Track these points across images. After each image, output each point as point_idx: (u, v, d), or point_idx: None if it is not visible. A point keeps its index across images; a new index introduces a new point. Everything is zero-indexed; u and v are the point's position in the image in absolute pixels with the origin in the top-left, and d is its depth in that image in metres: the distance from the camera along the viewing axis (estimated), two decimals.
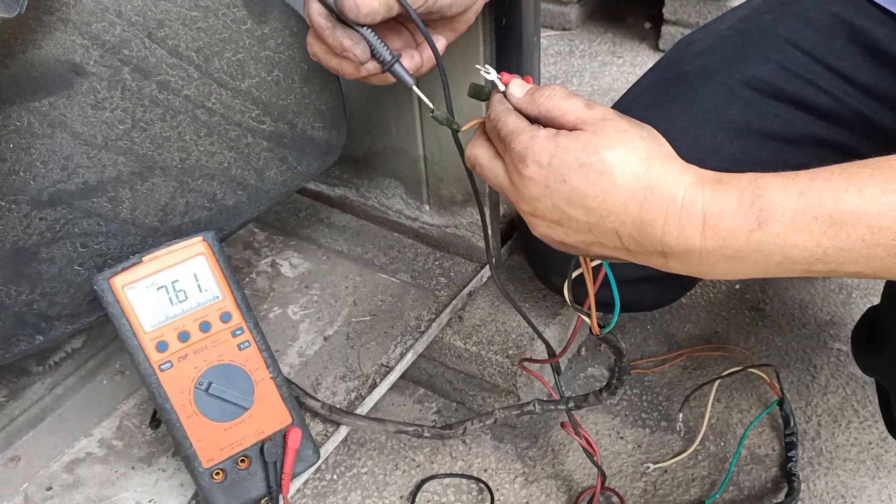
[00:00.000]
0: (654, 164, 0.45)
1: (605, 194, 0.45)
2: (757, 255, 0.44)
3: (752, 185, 0.44)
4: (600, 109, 0.47)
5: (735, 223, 0.44)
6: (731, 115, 0.68)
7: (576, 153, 0.45)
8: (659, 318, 0.99)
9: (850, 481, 0.81)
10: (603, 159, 0.45)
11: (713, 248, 0.44)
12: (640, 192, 0.45)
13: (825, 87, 0.68)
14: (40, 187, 0.58)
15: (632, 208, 0.45)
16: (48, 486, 0.68)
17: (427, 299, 0.83)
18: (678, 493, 0.81)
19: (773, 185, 0.43)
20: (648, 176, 0.45)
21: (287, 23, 0.63)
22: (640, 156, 0.45)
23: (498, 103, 0.51)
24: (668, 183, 0.45)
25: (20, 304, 0.61)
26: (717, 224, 0.44)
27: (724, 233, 0.44)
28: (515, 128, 0.48)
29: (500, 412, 0.72)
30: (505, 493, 0.82)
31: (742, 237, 0.44)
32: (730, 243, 0.44)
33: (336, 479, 0.83)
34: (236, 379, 0.63)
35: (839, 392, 0.89)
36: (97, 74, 0.57)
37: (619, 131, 0.46)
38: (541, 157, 0.46)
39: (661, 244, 0.45)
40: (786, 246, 0.43)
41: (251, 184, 0.67)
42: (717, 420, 0.87)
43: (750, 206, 0.43)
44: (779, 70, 0.68)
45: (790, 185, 0.43)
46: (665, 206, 0.45)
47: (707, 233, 0.44)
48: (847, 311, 0.98)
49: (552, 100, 0.48)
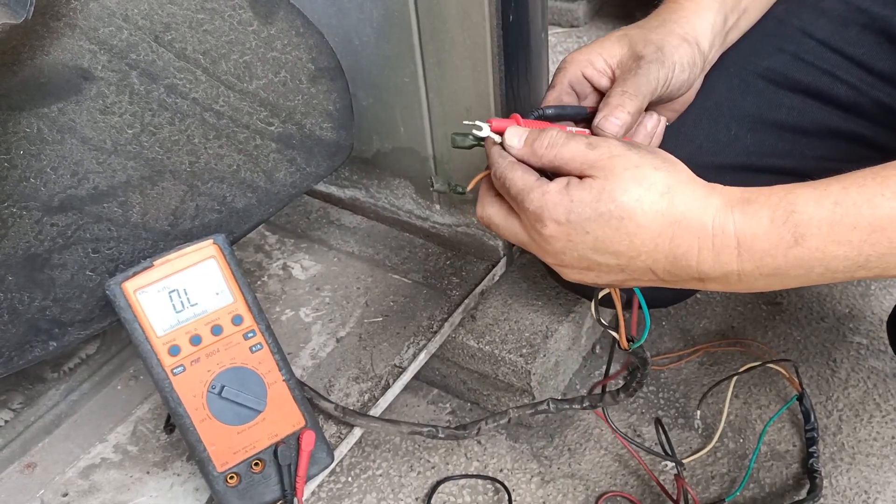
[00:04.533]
0: (675, 195, 0.44)
1: (632, 237, 0.44)
2: (797, 270, 0.44)
3: (784, 200, 0.43)
4: (604, 146, 0.46)
5: (770, 243, 0.43)
6: (745, 107, 0.67)
7: (592, 205, 0.44)
8: (674, 314, 0.98)
9: (874, 476, 0.79)
10: (621, 205, 0.44)
11: (751, 269, 0.44)
12: (668, 228, 0.44)
13: (842, 77, 0.67)
14: (51, 193, 0.58)
15: (662, 245, 0.44)
16: (64, 493, 0.68)
17: (439, 299, 0.83)
18: (697, 490, 0.80)
19: (806, 199, 0.43)
20: (672, 210, 0.44)
21: (293, 23, 0.63)
22: (659, 190, 0.44)
23: (499, 158, 0.49)
24: (694, 213, 0.44)
25: (33, 310, 0.61)
26: (752, 246, 0.43)
27: (760, 253, 0.43)
28: (524, 185, 0.47)
29: (514, 411, 0.71)
30: (521, 494, 0.81)
31: (780, 255, 0.43)
32: (767, 262, 0.44)
33: (351, 482, 0.83)
34: (249, 382, 0.63)
35: (860, 386, 0.88)
36: (105, 79, 0.57)
37: (631, 169, 0.44)
38: (557, 214, 0.45)
39: (698, 272, 0.45)
40: (826, 258, 0.43)
41: (261, 186, 0.67)
42: (735, 416, 0.86)
43: (784, 224, 0.43)
44: (793, 61, 0.67)
45: (823, 197, 0.43)
46: (696, 237, 0.44)
47: (743, 255, 0.44)
48: (866, 304, 0.96)
49: (553, 149, 0.47)
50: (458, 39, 0.74)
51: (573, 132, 0.49)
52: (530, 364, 0.80)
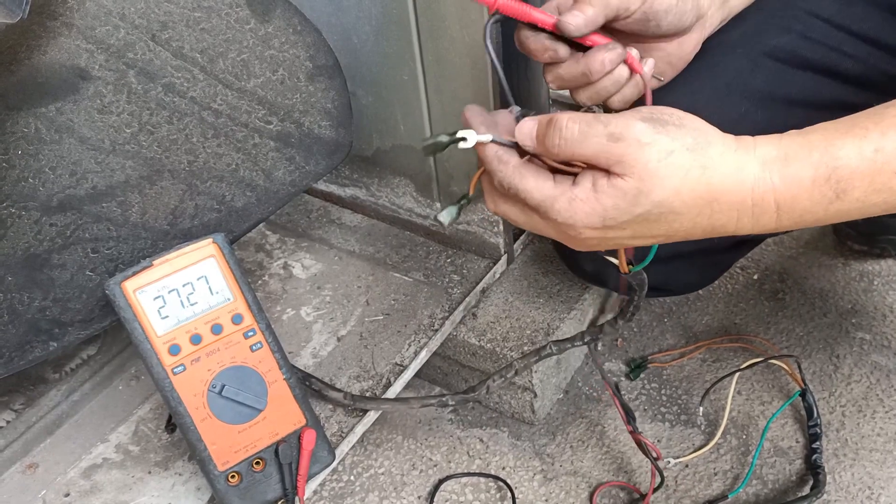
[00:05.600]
0: (713, 174, 0.43)
1: (671, 223, 0.44)
2: (834, 219, 0.44)
3: (826, 156, 0.42)
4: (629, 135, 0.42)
5: (812, 201, 0.43)
6: (755, 84, 0.67)
7: (629, 209, 0.43)
8: (676, 311, 0.97)
9: (877, 472, 0.79)
10: (660, 203, 0.43)
11: (788, 224, 0.44)
12: (706, 207, 0.43)
13: (850, 53, 0.67)
14: (50, 193, 0.58)
15: (700, 222, 0.44)
16: (66, 493, 0.68)
17: (440, 297, 0.83)
18: (700, 487, 0.79)
19: (847, 150, 0.42)
20: (710, 190, 0.43)
21: (290, 21, 0.63)
22: (696, 175, 0.43)
23: (500, 165, 0.45)
24: (732, 188, 0.43)
25: (33, 310, 0.61)
26: (791, 207, 0.43)
27: (800, 211, 0.43)
28: (544, 196, 0.44)
29: (518, 363, 0.71)
30: (524, 491, 0.81)
31: (820, 211, 0.43)
32: (806, 218, 0.44)
33: (353, 480, 0.83)
34: (249, 381, 0.63)
35: (863, 381, 0.87)
36: (103, 78, 0.57)
37: (664, 160, 0.42)
38: (592, 222, 0.43)
39: (735, 232, 0.45)
40: (864, 206, 0.43)
41: (260, 185, 0.67)
42: (738, 413, 0.85)
43: (826, 182, 0.42)
44: (801, 39, 0.68)
45: (864, 145, 0.42)
46: (735, 209, 0.43)
47: (782, 216, 0.43)
48: (869, 299, 0.96)
49: (569, 146, 0.43)
50: (457, 37, 0.74)
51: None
52: None
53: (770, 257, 1.03)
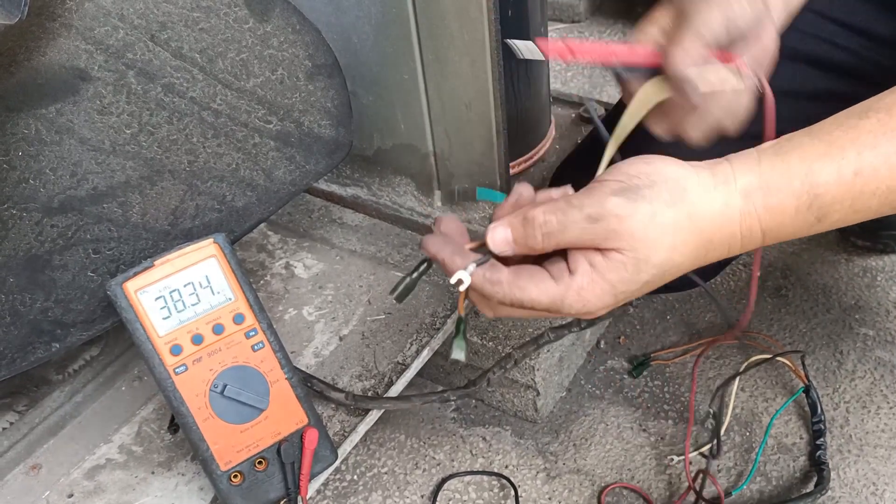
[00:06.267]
0: (700, 217, 0.44)
1: (675, 273, 0.46)
2: (815, 235, 0.49)
3: (805, 184, 0.43)
4: (607, 211, 0.43)
5: (795, 227, 0.45)
6: None
7: (633, 279, 0.44)
8: (679, 308, 0.97)
9: (882, 468, 0.79)
10: (661, 265, 0.44)
11: (772, 242, 0.46)
12: (702, 249, 0.45)
13: (841, 44, 0.67)
14: (50, 194, 0.58)
15: (698, 262, 0.46)
16: (69, 494, 0.68)
17: (442, 296, 0.83)
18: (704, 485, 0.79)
19: (826, 176, 0.43)
20: (702, 234, 0.44)
21: (289, 20, 0.63)
22: (685, 225, 0.44)
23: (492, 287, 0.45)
24: (722, 226, 0.45)
25: (35, 311, 0.61)
26: (777, 234, 0.45)
27: (784, 235, 0.45)
28: (552, 298, 0.44)
29: (517, 353, 0.71)
30: (527, 490, 0.81)
31: (802, 232, 0.45)
32: (789, 238, 0.46)
33: (356, 480, 0.83)
34: (251, 380, 0.63)
35: (867, 377, 0.87)
36: (102, 79, 0.57)
37: (650, 225, 0.43)
38: (605, 302, 0.44)
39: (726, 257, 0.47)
40: (844, 223, 0.45)
41: (260, 184, 0.67)
42: (741, 409, 0.85)
43: (808, 209, 0.44)
44: (792, 32, 0.68)
45: (843, 167, 0.43)
46: (727, 243, 0.45)
47: (767, 239, 0.46)
48: (872, 295, 0.96)
49: (551, 238, 0.43)
50: (457, 35, 0.74)
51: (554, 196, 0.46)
52: (534, 360, 0.80)
53: (773, 254, 1.03)
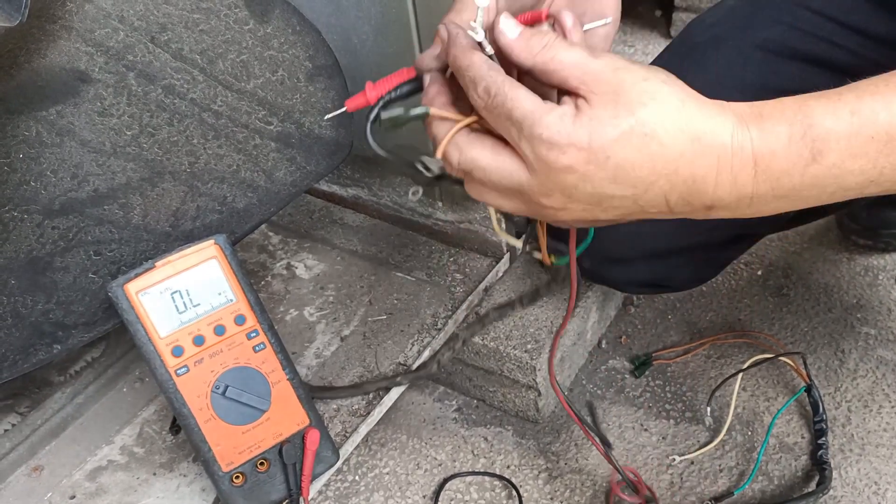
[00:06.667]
0: (691, 110, 0.40)
1: (654, 158, 0.40)
2: (811, 190, 0.41)
3: (800, 113, 0.40)
4: (606, 57, 0.41)
5: (788, 161, 0.40)
6: (746, 77, 0.67)
7: (612, 121, 0.39)
8: (680, 307, 0.97)
9: (884, 467, 0.79)
10: (643, 120, 0.39)
11: (765, 190, 0.41)
12: (689, 147, 0.40)
13: (839, 43, 0.66)
14: (51, 196, 0.59)
15: (682, 168, 0.40)
16: (71, 495, 0.69)
17: (443, 296, 0.83)
18: (705, 484, 0.79)
19: (822, 110, 0.40)
20: (690, 125, 0.40)
21: (289, 21, 0.63)
22: (675, 105, 0.40)
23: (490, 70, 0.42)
24: (712, 129, 0.40)
25: (36, 313, 0.61)
26: (769, 166, 0.40)
27: (777, 173, 0.40)
28: (534, 107, 0.40)
29: (464, 332, 0.72)
30: (529, 490, 0.81)
31: (797, 174, 0.40)
32: (783, 183, 0.41)
33: (358, 480, 0.83)
34: (253, 381, 0.63)
35: (869, 376, 0.87)
36: (103, 81, 0.57)
37: (640, 83, 0.40)
38: (579, 137, 0.40)
39: (712, 199, 0.42)
40: (842, 174, 0.40)
41: (261, 185, 0.67)
42: (743, 409, 0.85)
43: (802, 139, 0.40)
44: (790, 30, 0.67)
45: (839, 107, 0.40)
46: (716, 155, 0.40)
47: (759, 177, 0.41)
48: (874, 294, 0.96)
49: (550, 50, 0.41)
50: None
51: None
52: (535, 360, 0.80)
53: (774, 252, 1.03)
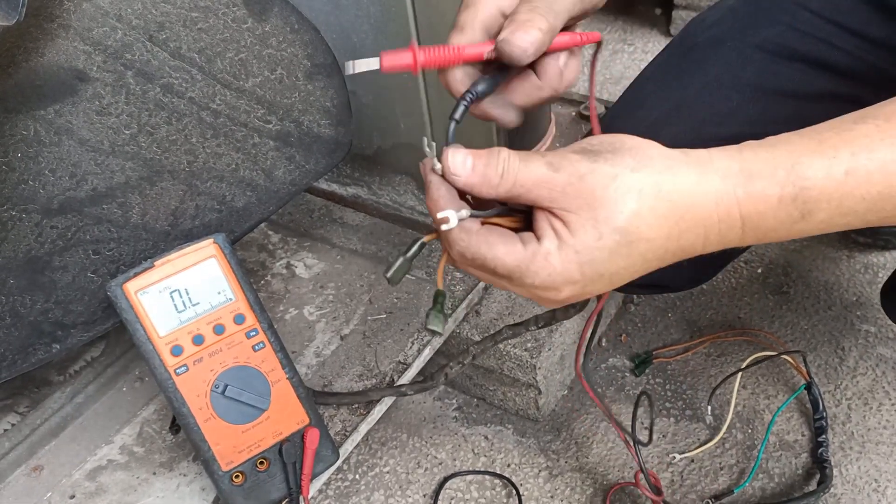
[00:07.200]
0: (668, 190, 0.41)
1: (644, 254, 0.41)
2: (795, 236, 0.43)
3: (792, 174, 0.40)
4: (567, 165, 0.41)
5: (777, 220, 0.41)
6: (745, 77, 0.67)
7: (596, 244, 0.40)
8: (680, 306, 0.97)
9: (884, 465, 0.79)
10: (625, 230, 0.40)
11: (752, 239, 0.42)
12: (674, 228, 0.41)
13: (838, 45, 0.66)
14: (50, 195, 0.58)
15: (671, 247, 0.42)
16: (71, 495, 0.68)
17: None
18: (706, 482, 0.79)
19: (815, 170, 0.40)
20: (673, 209, 0.41)
21: (287, 20, 0.63)
22: (651, 192, 0.40)
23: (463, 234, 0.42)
24: (697, 201, 0.41)
25: (35, 312, 0.61)
26: (757, 225, 0.41)
27: (765, 230, 0.42)
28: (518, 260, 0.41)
29: (475, 347, 0.70)
30: (529, 488, 0.81)
31: (783, 230, 0.42)
32: (770, 236, 0.42)
33: (358, 479, 0.83)
34: (252, 381, 0.63)
35: (869, 374, 0.87)
36: (101, 80, 0.57)
37: (610, 185, 0.40)
38: (571, 275, 0.41)
39: (701, 252, 0.43)
40: (829, 227, 0.41)
41: (260, 184, 0.67)
42: (743, 407, 0.85)
43: (793, 202, 0.41)
44: (790, 31, 0.67)
45: (834, 165, 0.40)
46: (702, 227, 0.41)
47: (747, 233, 0.42)
48: (874, 292, 0.96)
49: (510, 176, 0.41)
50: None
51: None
52: (535, 358, 0.80)
53: (774, 251, 1.03)
